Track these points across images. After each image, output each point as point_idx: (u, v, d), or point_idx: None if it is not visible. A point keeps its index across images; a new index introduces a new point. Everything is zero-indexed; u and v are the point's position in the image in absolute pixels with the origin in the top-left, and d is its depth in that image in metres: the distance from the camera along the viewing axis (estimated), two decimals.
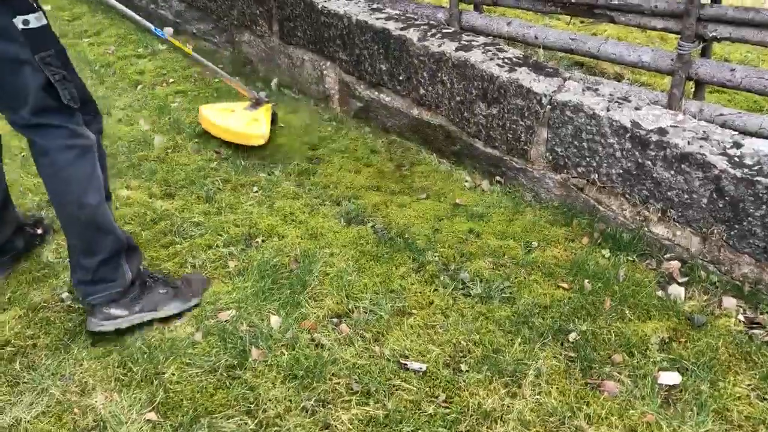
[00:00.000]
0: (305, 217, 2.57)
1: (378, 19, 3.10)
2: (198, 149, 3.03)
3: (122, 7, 2.61)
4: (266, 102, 3.24)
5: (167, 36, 2.79)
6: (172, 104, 3.49)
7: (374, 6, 3.27)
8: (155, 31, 2.72)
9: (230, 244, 2.40)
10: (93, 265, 1.90)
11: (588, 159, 2.47)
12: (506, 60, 2.72)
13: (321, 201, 2.70)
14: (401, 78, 3.05)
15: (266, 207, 2.63)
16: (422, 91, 2.98)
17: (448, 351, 1.96)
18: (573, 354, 1.96)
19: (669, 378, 1.87)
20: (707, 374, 1.86)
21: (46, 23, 1.79)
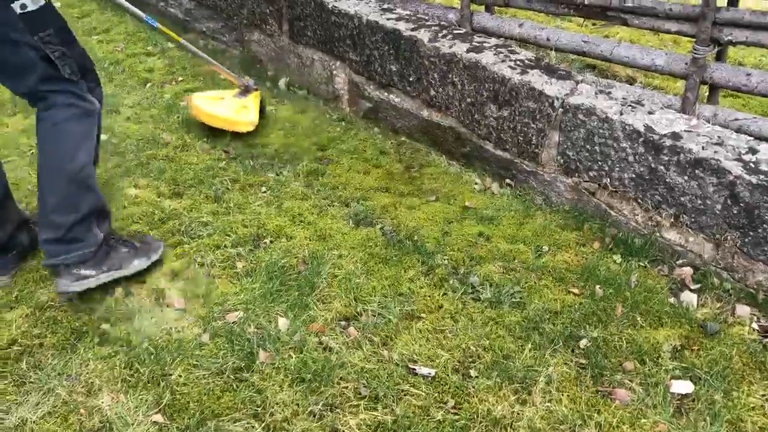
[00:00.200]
0: (314, 218, 2.56)
1: (389, 20, 3.08)
2: (207, 148, 3.02)
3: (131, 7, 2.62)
4: (255, 89, 3.25)
5: (157, 25, 2.81)
6: (181, 103, 3.48)
7: (385, 6, 3.25)
8: (147, 20, 2.74)
9: (238, 245, 2.39)
10: (67, 224, 1.96)
11: (600, 163, 2.45)
12: (518, 62, 2.69)
13: (329, 202, 2.68)
14: (411, 79, 3.03)
15: (275, 207, 2.62)
16: (432, 93, 2.96)
17: (458, 356, 1.94)
18: (584, 361, 1.93)
19: (681, 387, 1.85)
20: (720, 384, 1.83)
21: (44, 3, 1.88)
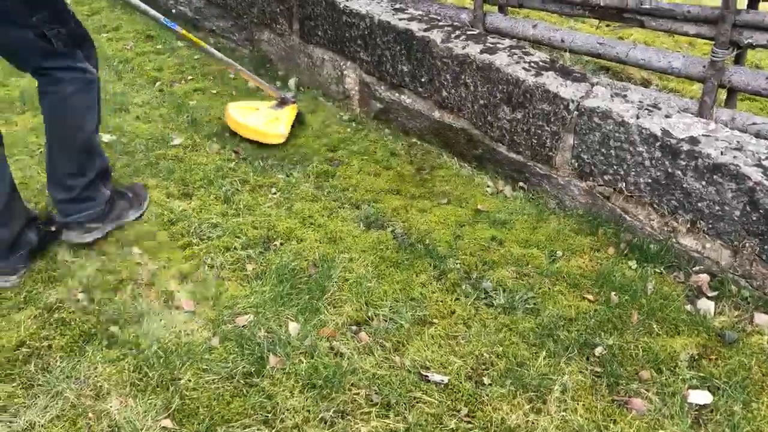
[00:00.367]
0: (324, 221, 2.53)
1: (401, 20, 3.05)
2: (217, 149, 3.00)
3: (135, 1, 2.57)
4: (292, 102, 3.21)
5: (180, 30, 2.75)
6: (190, 102, 3.46)
7: (397, 6, 3.21)
8: (165, 22, 2.68)
9: (248, 247, 2.36)
10: (79, 186, 2.20)
11: (615, 167, 2.41)
12: (532, 63, 2.65)
13: (340, 204, 2.65)
14: (423, 80, 2.99)
15: (285, 209, 2.59)
16: (444, 94, 2.92)
17: (471, 363, 1.91)
18: (599, 369, 1.90)
19: (699, 397, 1.81)
20: (740, 394, 1.79)
21: None
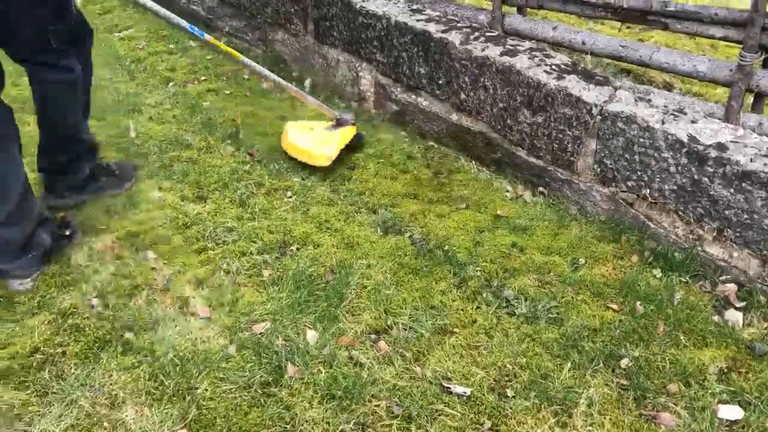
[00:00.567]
0: (341, 225, 2.48)
1: (418, 21, 3.00)
2: (231, 151, 2.96)
3: (155, 6, 2.51)
4: (350, 123, 2.98)
5: (209, 38, 2.66)
6: (204, 103, 3.42)
7: (414, 7, 3.17)
8: (191, 30, 2.58)
9: (264, 252, 2.32)
10: (63, 161, 2.47)
11: (639, 173, 2.36)
12: (554, 67, 2.60)
13: (356, 208, 2.61)
14: (441, 82, 2.95)
15: (301, 213, 2.55)
16: (463, 96, 2.87)
17: (493, 374, 1.86)
18: (625, 382, 1.85)
19: (730, 412, 1.76)
20: None
21: None
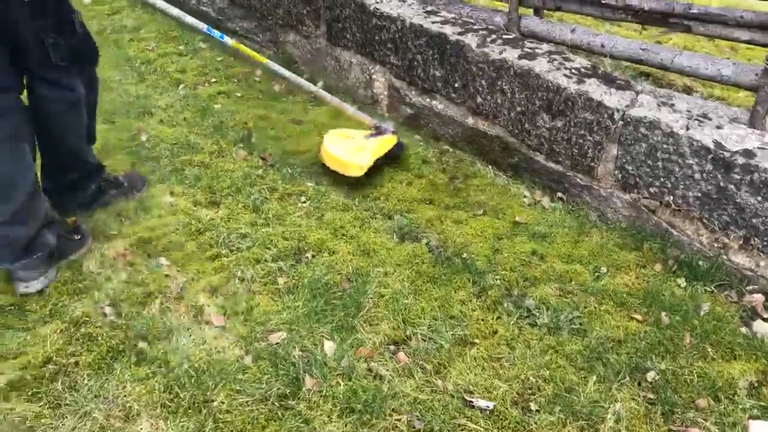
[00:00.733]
0: (356, 232, 2.44)
1: (434, 23, 2.95)
2: (244, 155, 2.91)
3: (168, 7, 2.47)
4: (390, 132, 2.89)
5: (230, 43, 2.59)
6: (215, 106, 3.38)
7: (429, 9, 3.12)
8: (210, 32, 2.53)
9: (279, 259, 2.28)
10: (66, 181, 2.38)
11: (662, 179, 2.30)
12: (574, 70, 2.55)
13: (372, 214, 2.56)
14: (456, 85, 2.90)
15: (315, 219, 2.50)
16: (479, 100, 2.82)
17: (516, 388, 1.81)
18: (652, 396, 1.80)
19: (761, 428, 1.70)
20: None
21: None
